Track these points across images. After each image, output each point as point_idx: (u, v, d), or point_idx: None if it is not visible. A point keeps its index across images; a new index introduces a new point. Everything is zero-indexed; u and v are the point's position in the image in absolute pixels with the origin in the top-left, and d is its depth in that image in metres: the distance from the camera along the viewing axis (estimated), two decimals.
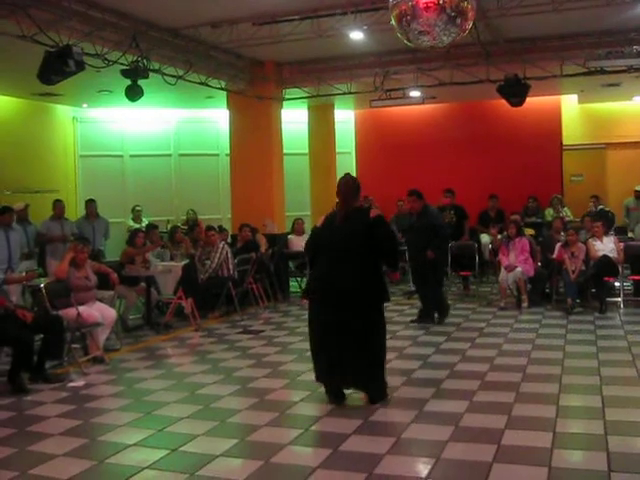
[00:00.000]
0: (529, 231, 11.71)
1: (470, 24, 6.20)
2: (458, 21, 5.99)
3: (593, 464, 4.57)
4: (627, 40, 10.85)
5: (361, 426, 5.48)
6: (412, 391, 6.47)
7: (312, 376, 6.93)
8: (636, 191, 14.66)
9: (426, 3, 5.83)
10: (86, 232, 11.82)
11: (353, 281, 5.88)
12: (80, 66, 8.24)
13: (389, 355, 6.73)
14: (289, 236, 13.27)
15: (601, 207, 14.32)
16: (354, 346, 5.91)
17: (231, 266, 10.77)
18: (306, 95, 13.71)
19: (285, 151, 13.97)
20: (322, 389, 6.35)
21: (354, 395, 6.21)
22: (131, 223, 14.03)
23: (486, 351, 8.01)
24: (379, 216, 6.13)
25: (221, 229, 12.72)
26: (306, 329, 9.41)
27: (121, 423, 5.74)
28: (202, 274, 10.60)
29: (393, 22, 6.26)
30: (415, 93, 13.57)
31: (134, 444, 5.21)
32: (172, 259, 10.99)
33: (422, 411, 5.82)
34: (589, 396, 6.09)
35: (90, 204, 12.31)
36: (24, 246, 10.48)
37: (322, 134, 16.63)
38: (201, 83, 11.61)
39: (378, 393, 6.10)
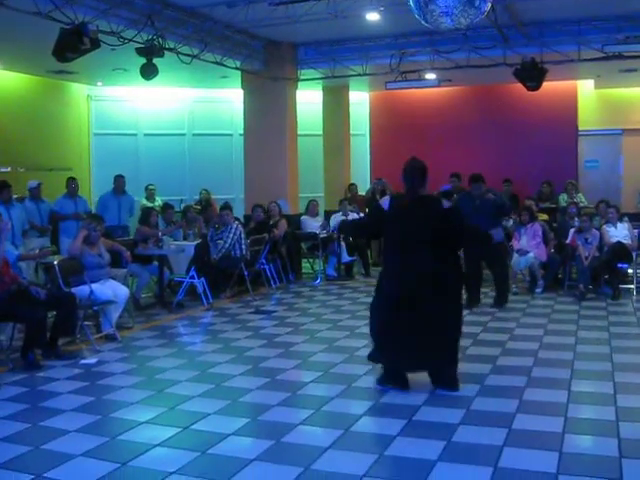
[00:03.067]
0: (542, 216, 11.64)
1: (489, 6, 6.14)
2: (477, 3, 5.93)
3: (604, 450, 4.56)
4: None
5: (372, 408, 5.50)
6: (421, 374, 6.46)
7: (324, 357, 7.01)
8: None
9: None
10: (111, 207, 11.87)
11: (432, 266, 5.70)
12: (95, 44, 8.24)
13: None
14: (302, 217, 13.24)
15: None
16: (432, 332, 5.77)
17: (244, 246, 10.76)
18: (321, 76, 13.66)
19: (299, 132, 13.95)
20: (334, 370, 6.38)
21: (362, 377, 6.22)
22: (144, 202, 14.04)
23: (498, 335, 8.00)
24: (451, 208, 6.04)
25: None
26: (318, 310, 9.66)
27: (133, 401, 5.77)
28: (215, 254, 10.61)
29: (411, 3, 6.20)
30: (431, 76, 13.51)
31: (146, 421, 5.24)
32: (185, 238, 11.00)
33: (433, 393, 5.81)
34: (601, 382, 6.06)
35: (119, 179, 12.21)
36: (25, 222, 10.47)
37: (336, 116, 16.57)
38: (216, 63, 11.60)
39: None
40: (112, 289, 7.99)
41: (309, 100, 15.96)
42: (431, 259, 5.70)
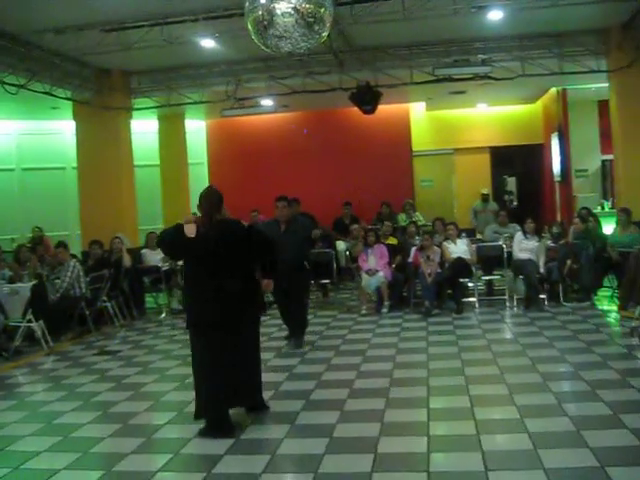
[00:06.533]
0: (392, 240, 11.78)
1: (328, 31, 6.15)
2: (316, 27, 5.92)
3: (470, 465, 4.59)
4: (473, 49, 11.27)
5: (234, 445, 5.28)
6: (282, 404, 6.30)
7: (177, 396, 6.71)
8: (483, 194, 15.27)
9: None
10: None
11: (239, 288, 5.66)
12: None
13: None
14: (142, 250, 12.79)
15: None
16: (248, 362, 5.83)
17: (83, 284, 10.24)
18: (156, 105, 13.35)
19: (135, 163, 13.55)
20: (188, 409, 6.09)
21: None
22: None
23: (351, 358, 7.98)
24: (251, 225, 6.17)
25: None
26: (166, 346, 9.30)
27: None
28: (52, 294, 10.02)
29: (249, 27, 6.11)
30: (267, 102, 13.52)
31: None
32: (12, 280, 10.26)
33: (294, 424, 5.67)
34: (457, 397, 6.15)
35: None
36: None
37: (173, 145, 16.33)
38: (45, 93, 11.04)
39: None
40: None
41: (144, 129, 15.58)
42: (237, 281, 5.67)
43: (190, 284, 5.85)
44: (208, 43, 10.64)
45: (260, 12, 5.86)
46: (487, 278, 11.52)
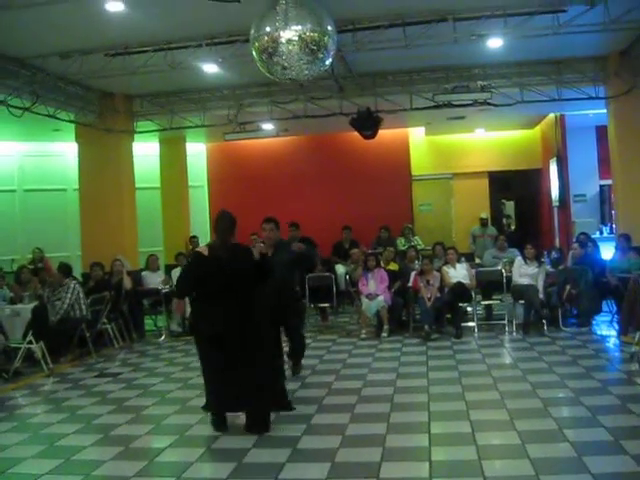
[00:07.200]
0: (393, 266, 11.82)
1: (331, 58, 6.23)
2: (320, 55, 6.00)
3: None
4: (472, 75, 11.38)
5: (236, 469, 5.28)
6: (284, 429, 6.31)
7: (178, 419, 6.72)
8: (481, 219, 15.33)
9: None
10: None
11: (242, 310, 6.15)
12: None
13: None
14: (143, 273, 12.82)
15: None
16: (247, 374, 6.16)
17: (84, 306, 10.26)
18: (158, 128, 13.43)
19: (137, 185, 13.61)
20: (190, 432, 6.10)
21: (221, 438, 6.01)
22: None
23: (352, 383, 7.99)
24: (263, 255, 6.43)
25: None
26: (166, 369, 9.31)
27: None
28: (53, 316, 10.03)
29: (254, 55, 6.19)
30: (268, 126, 13.61)
31: None
32: (14, 301, 10.29)
33: (296, 449, 5.68)
34: (458, 422, 6.16)
35: None
36: None
37: (174, 167, 16.41)
38: (49, 115, 11.12)
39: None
40: None
41: (146, 152, 15.67)
42: (243, 303, 6.17)
43: (198, 298, 6.36)
44: (211, 68, 10.75)
45: (265, 39, 5.93)
46: (486, 303, 11.56)
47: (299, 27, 6.20)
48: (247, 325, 6.16)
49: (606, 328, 10.55)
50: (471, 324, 11.03)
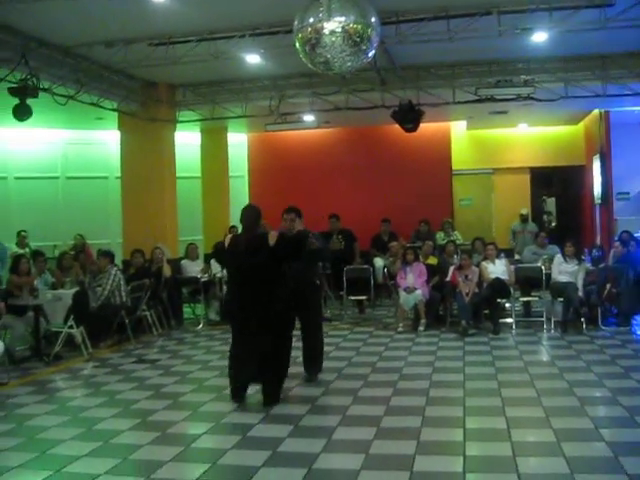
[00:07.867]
0: (432, 260, 11.78)
1: (374, 50, 6.22)
2: (363, 47, 6.00)
3: None
4: (515, 70, 11.26)
5: (270, 457, 5.32)
6: (317, 419, 6.36)
7: (215, 407, 6.79)
8: (521, 215, 15.19)
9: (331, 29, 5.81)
10: None
11: (262, 295, 6.60)
12: None
13: (291, 383, 7.18)
14: (182, 261, 12.94)
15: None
16: (262, 354, 6.66)
17: (124, 293, 10.39)
18: (200, 118, 13.53)
19: (178, 174, 13.73)
20: (226, 419, 6.16)
21: (256, 426, 6.05)
22: (15, 249, 13.35)
23: (388, 375, 7.99)
24: (278, 237, 6.65)
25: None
26: (203, 357, 9.43)
27: (13, 465, 5.32)
28: (93, 302, 10.18)
29: (297, 46, 6.20)
30: (309, 117, 13.62)
31: None
32: (55, 287, 10.45)
33: (331, 439, 5.71)
34: (494, 418, 6.14)
35: None
36: None
37: (215, 157, 16.51)
38: (92, 104, 11.27)
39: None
40: None
41: (187, 142, 15.79)
42: (263, 290, 6.59)
43: (228, 285, 7.13)
44: (253, 59, 10.79)
45: (309, 30, 5.94)
46: (525, 299, 11.47)
47: (342, 19, 6.21)
48: (264, 311, 6.58)
49: None
50: (509, 320, 10.96)
